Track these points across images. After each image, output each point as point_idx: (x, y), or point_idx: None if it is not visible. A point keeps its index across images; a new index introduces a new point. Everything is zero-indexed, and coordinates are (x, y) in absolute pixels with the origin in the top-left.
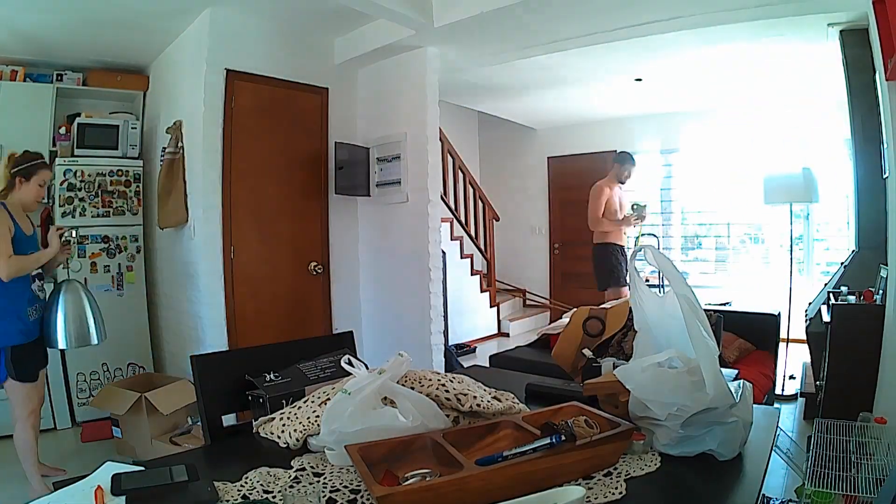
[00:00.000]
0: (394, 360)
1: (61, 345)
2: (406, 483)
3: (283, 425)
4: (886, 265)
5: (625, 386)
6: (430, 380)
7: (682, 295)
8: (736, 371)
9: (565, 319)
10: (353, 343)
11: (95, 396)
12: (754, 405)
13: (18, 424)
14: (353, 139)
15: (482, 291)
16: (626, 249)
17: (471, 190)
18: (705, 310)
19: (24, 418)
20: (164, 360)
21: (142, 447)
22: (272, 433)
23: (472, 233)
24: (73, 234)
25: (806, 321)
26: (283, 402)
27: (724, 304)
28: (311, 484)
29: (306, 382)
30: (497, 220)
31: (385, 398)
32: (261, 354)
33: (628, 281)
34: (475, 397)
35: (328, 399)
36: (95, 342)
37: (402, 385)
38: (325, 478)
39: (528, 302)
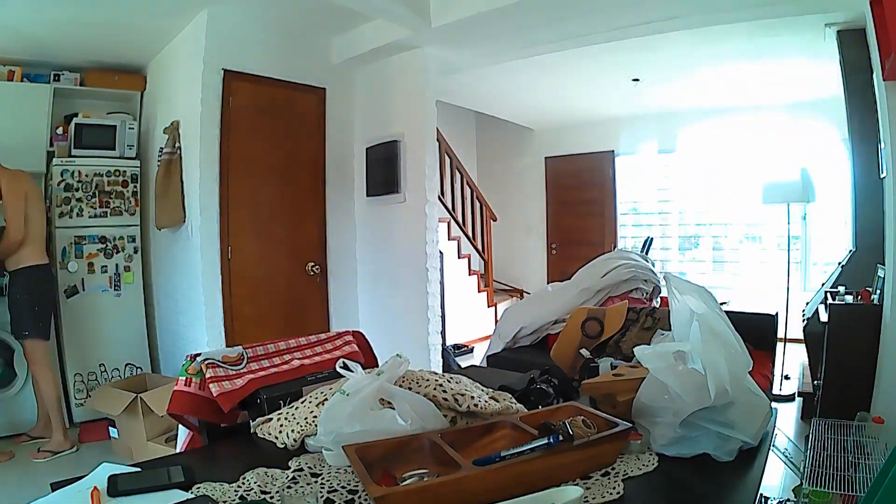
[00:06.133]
0: (392, 362)
1: None
2: (404, 483)
3: (281, 426)
4: (883, 265)
5: (642, 365)
6: (428, 380)
7: (702, 316)
8: None
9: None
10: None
11: (91, 397)
12: None
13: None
14: (350, 139)
15: (480, 291)
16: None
17: (468, 190)
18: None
19: None
20: (162, 360)
21: (138, 448)
22: (270, 433)
23: (470, 233)
24: None
25: (803, 321)
26: (281, 402)
27: (722, 304)
28: (308, 484)
29: (304, 383)
30: (494, 220)
31: (383, 399)
32: None
33: None
34: (473, 398)
35: (326, 399)
36: None
37: (400, 385)
38: (322, 478)
39: None
